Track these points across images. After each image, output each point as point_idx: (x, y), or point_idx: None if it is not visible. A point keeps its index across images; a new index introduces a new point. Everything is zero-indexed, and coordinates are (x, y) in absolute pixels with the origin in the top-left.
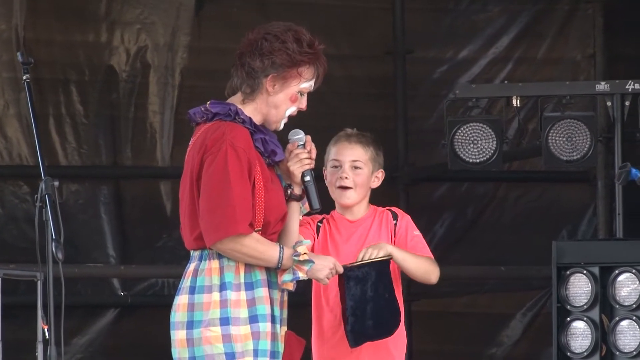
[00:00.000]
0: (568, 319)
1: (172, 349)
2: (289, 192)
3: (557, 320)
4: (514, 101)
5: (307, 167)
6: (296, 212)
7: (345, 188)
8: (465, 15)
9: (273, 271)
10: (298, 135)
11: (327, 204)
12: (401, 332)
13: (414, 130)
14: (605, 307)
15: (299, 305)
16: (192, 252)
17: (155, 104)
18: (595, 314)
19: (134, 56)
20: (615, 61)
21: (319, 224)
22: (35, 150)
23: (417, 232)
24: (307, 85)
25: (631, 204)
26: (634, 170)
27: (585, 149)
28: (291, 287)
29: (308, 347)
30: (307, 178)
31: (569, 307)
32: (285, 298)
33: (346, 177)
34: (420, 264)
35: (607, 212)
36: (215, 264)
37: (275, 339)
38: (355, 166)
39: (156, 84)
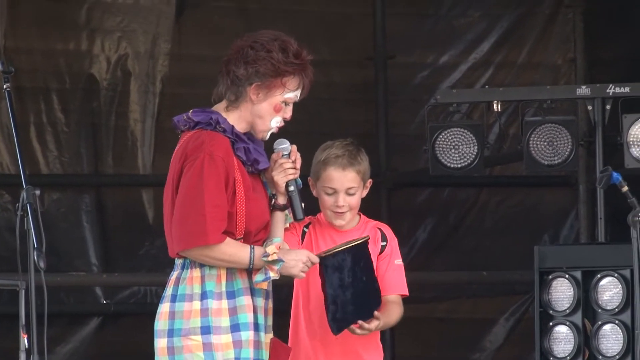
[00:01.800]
0: (551, 323)
1: (155, 357)
2: (273, 201)
3: (540, 325)
4: (495, 106)
5: (292, 177)
6: (281, 221)
7: (341, 212)
8: (446, 20)
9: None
10: (283, 145)
11: (313, 206)
12: (376, 342)
13: (396, 136)
14: (587, 311)
15: (284, 312)
16: (175, 260)
17: (136, 111)
18: (577, 318)
19: (114, 64)
20: (596, 65)
21: (304, 229)
22: (17, 158)
23: (399, 262)
24: (292, 95)
25: (613, 208)
26: (615, 174)
27: (567, 153)
28: (265, 286)
29: None
30: (291, 188)
31: (551, 311)
32: (270, 305)
33: (342, 205)
34: (391, 322)
35: (589, 217)
36: (196, 272)
37: (259, 347)
38: (350, 193)
39: (137, 92)
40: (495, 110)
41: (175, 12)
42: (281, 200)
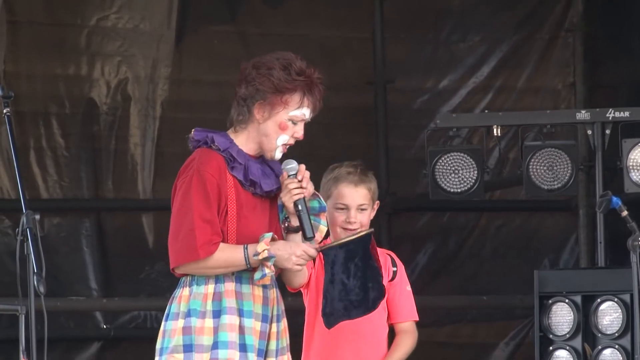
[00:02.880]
0: (551, 348)
1: None
2: (286, 224)
3: (540, 350)
4: (495, 130)
5: (297, 197)
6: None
7: (352, 230)
8: (446, 45)
9: (248, 300)
10: (290, 165)
11: None
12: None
13: (395, 160)
14: (587, 335)
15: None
16: None
17: (136, 136)
18: (577, 342)
19: (114, 88)
20: (596, 90)
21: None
22: (17, 183)
23: (409, 288)
24: (298, 113)
25: (613, 232)
26: (615, 199)
27: (567, 177)
28: (268, 281)
29: None
30: (299, 207)
31: (551, 336)
32: (275, 329)
33: (354, 221)
34: (406, 354)
35: (589, 241)
36: (185, 291)
37: None
38: (362, 209)
39: (137, 116)
40: (495, 134)
41: (175, 36)
42: (293, 221)
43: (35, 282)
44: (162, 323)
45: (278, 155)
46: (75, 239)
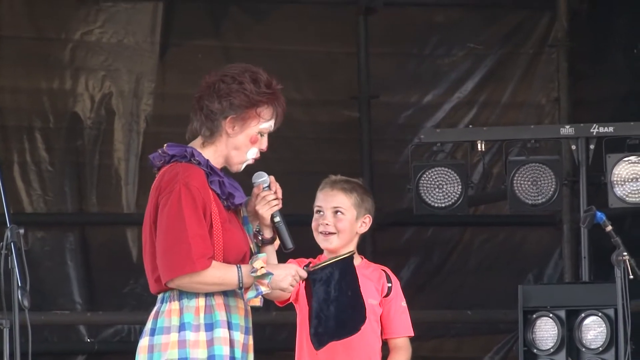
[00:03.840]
0: None
1: None
2: (260, 237)
3: None
4: (479, 145)
5: (276, 208)
6: (272, 254)
7: (328, 234)
8: (430, 60)
9: (235, 313)
10: (262, 178)
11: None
12: None
13: (380, 175)
14: (571, 350)
15: (267, 350)
16: (158, 295)
17: (120, 150)
18: (562, 357)
19: (98, 103)
20: (580, 105)
21: (304, 268)
22: (0, 197)
23: (404, 304)
24: (267, 125)
25: (597, 247)
26: (599, 214)
27: (551, 192)
28: (259, 302)
29: None
30: (277, 219)
31: (535, 350)
32: (250, 342)
33: (327, 224)
34: None
35: (573, 256)
36: (175, 305)
37: None
38: (337, 212)
39: (121, 131)
40: (479, 149)
41: (159, 51)
42: (267, 233)
43: (20, 296)
44: (146, 338)
45: (242, 168)
46: (59, 253)
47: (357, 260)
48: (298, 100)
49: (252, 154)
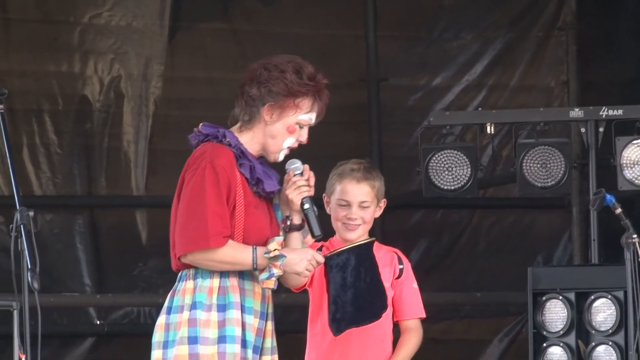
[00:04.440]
0: (544, 344)
1: None
2: (289, 222)
3: (534, 346)
4: (488, 128)
5: (306, 194)
6: (297, 242)
7: (354, 225)
8: (439, 43)
9: (249, 296)
10: (295, 165)
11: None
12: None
13: (389, 158)
14: (581, 332)
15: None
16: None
17: (129, 133)
18: (571, 339)
19: (107, 86)
20: (589, 88)
21: (317, 251)
22: (10, 180)
23: (415, 285)
24: (306, 117)
25: (606, 230)
26: (608, 196)
27: (560, 175)
28: (272, 284)
29: None
30: (307, 206)
31: (545, 332)
32: (269, 327)
33: (356, 218)
34: (412, 354)
35: (582, 238)
36: (190, 284)
37: None
38: (363, 206)
39: (130, 114)
40: (489, 132)
41: (167, 34)
42: (296, 219)
43: (29, 278)
44: (163, 316)
45: (281, 157)
46: (68, 236)
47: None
48: None
49: (289, 143)
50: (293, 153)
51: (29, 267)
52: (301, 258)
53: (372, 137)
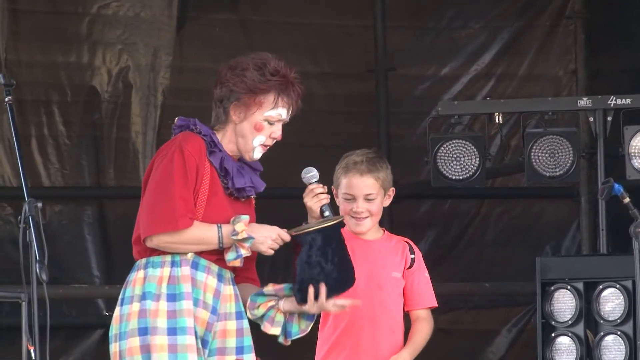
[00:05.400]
0: (553, 334)
1: None
2: None
3: (542, 336)
4: (497, 118)
5: (325, 201)
6: None
7: (361, 218)
8: (447, 33)
9: (199, 287)
10: (311, 173)
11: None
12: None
13: (397, 148)
14: (589, 322)
15: None
16: None
17: (137, 124)
18: (580, 329)
19: (115, 76)
20: (597, 77)
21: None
22: (18, 171)
23: (427, 275)
24: (274, 113)
25: (614, 219)
26: (616, 186)
27: (568, 164)
28: (238, 263)
29: None
30: (327, 213)
31: (553, 322)
32: (226, 327)
33: (361, 211)
34: (424, 343)
35: (591, 228)
36: (140, 274)
37: (200, 354)
38: (369, 199)
39: (138, 104)
40: (497, 122)
41: (176, 24)
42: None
43: (38, 270)
44: (117, 308)
45: (257, 155)
46: (77, 227)
47: (379, 234)
48: (314, 73)
49: (259, 141)
50: (304, 142)
51: (38, 258)
52: (265, 237)
53: (380, 127)
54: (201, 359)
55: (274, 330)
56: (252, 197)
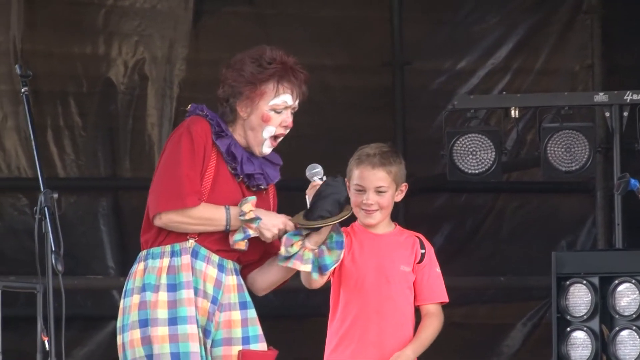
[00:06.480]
0: (568, 329)
1: None
2: None
3: (557, 331)
4: (513, 112)
5: None
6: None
7: (371, 211)
8: (463, 27)
9: (198, 277)
10: (316, 169)
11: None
12: None
13: (413, 141)
14: (605, 317)
15: (300, 316)
16: None
17: (153, 115)
18: (595, 324)
19: (131, 68)
20: (614, 72)
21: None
22: (34, 162)
23: (438, 270)
24: (279, 101)
25: (630, 214)
26: (632, 181)
27: (584, 159)
28: (243, 246)
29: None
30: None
31: (568, 317)
32: (229, 318)
33: (371, 203)
34: (431, 339)
35: (606, 223)
36: (141, 266)
37: (201, 342)
38: (380, 191)
39: (154, 96)
40: (513, 116)
41: (192, 17)
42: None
43: (53, 261)
44: (122, 300)
45: (266, 150)
46: (92, 218)
47: (390, 228)
48: (331, 66)
49: (269, 132)
50: (319, 134)
51: (53, 249)
52: (273, 225)
53: (397, 120)
54: (202, 348)
55: (303, 267)
56: (263, 187)
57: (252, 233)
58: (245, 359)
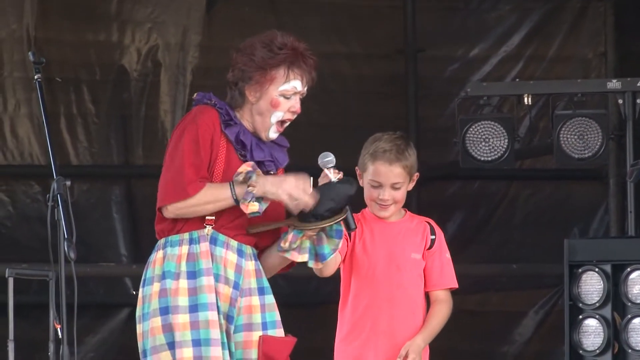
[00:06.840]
0: (580, 316)
1: None
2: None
3: (570, 318)
4: (526, 99)
5: None
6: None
7: (386, 205)
8: (476, 14)
9: (218, 262)
10: (327, 158)
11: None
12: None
13: (426, 129)
14: (617, 304)
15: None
16: None
17: (166, 103)
18: (607, 311)
19: (145, 55)
20: (627, 59)
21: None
22: (47, 149)
23: (448, 255)
24: (288, 87)
25: None
26: None
27: (597, 146)
28: (256, 208)
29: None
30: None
31: (581, 305)
32: (251, 303)
33: (387, 199)
34: (441, 326)
35: (619, 210)
36: (160, 254)
37: (223, 329)
38: (396, 187)
39: (167, 83)
40: (526, 103)
41: (205, 4)
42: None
43: (66, 248)
44: (140, 289)
45: (272, 135)
46: (105, 206)
47: (401, 215)
48: (344, 54)
49: (277, 117)
50: (332, 122)
51: (66, 237)
52: (296, 185)
53: (409, 107)
54: (223, 335)
55: (301, 257)
56: (273, 172)
57: (254, 190)
58: (266, 345)
